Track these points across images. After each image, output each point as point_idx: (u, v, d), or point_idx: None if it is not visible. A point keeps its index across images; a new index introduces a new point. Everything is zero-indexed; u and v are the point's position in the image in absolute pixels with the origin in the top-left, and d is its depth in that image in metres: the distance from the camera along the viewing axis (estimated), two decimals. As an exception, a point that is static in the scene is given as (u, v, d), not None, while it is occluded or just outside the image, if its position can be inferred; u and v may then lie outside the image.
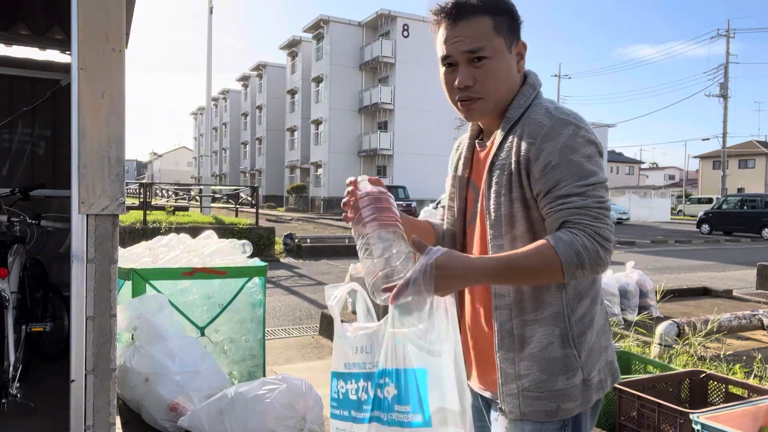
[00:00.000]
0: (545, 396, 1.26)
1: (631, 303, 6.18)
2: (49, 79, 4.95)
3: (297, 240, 14.08)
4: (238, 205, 17.93)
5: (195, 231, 5.79)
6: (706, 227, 24.66)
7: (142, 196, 15.47)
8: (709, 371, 3.06)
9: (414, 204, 25.62)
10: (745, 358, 4.46)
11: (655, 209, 36.69)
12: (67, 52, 4.63)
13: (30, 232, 3.98)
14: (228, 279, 3.79)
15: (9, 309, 3.30)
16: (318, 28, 37.85)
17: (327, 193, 35.97)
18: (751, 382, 3.10)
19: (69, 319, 2.18)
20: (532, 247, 1.16)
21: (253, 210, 15.23)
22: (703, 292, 8.18)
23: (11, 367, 3.15)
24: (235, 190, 20.86)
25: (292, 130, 43.89)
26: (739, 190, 43.52)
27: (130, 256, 4.00)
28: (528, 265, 1.15)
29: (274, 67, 47.65)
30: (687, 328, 4.56)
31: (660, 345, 4.43)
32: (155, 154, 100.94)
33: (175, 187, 26.03)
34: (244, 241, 4.19)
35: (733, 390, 2.90)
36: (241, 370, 3.86)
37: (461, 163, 1.47)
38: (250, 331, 3.90)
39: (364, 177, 1.31)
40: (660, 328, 4.59)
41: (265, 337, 4.01)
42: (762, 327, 5.12)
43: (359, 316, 1.35)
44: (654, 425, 2.61)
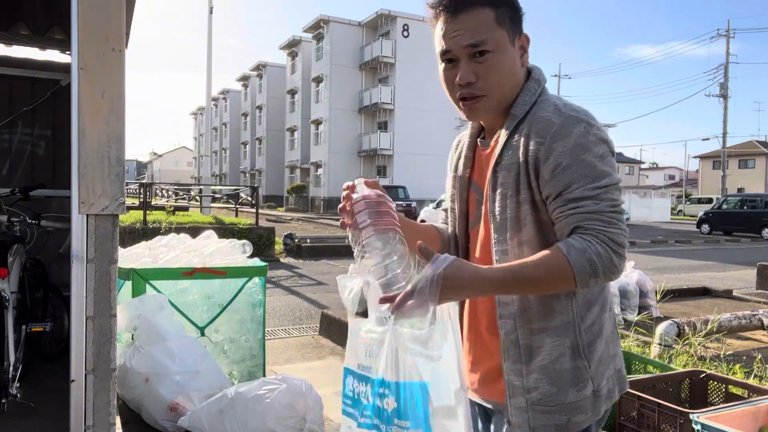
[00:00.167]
0: (556, 410, 1.21)
1: (631, 303, 6.18)
2: (49, 79, 4.95)
3: (297, 240, 14.07)
4: (238, 205, 17.94)
5: (195, 231, 5.79)
6: (706, 227, 24.67)
7: (142, 196, 15.47)
8: (709, 371, 3.06)
9: (414, 204, 25.61)
10: (745, 358, 4.45)
11: (655, 209, 36.66)
12: (67, 52, 4.63)
13: (30, 232, 3.98)
14: (228, 279, 3.79)
15: (9, 309, 3.30)
16: (318, 28, 37.86)
17: (327, 193, 35.98)
18: (751, 382, 3.10)
19: (69, 319, 2.18)
20: (542, 255, 1.11)
21: (253, 210, 15.23)
22: (703, 292, 8.18)
23: (11, 367, 3.15)
24: (235, 190, 20.87)
25: (292, 130, 43.90)
26: (739, 190, 43.51)
27: (130, 256, 4.00)
28: (539, 275, 1.10)
29: (274, 67, 47.65)
30: (687, 328, 4.56)
31: (660, 345, 4.43)
32: (155, 154, 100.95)
33: (175, 187, 26.04)
34: (244, 241, 4.20)
35: (733, 390, 2.90)
36: (241, 370, 3.86)
37: (462, 162, 1.40)
38: (250, 331, 3.90)
39: (361, 180, 1.25)
40: (660, 328, 4.59)
41: (265, 337, 4.01)
42: (762, 327, 5.12)
43: (370, 316, 1.28)
44: (654, 425, 2.60)
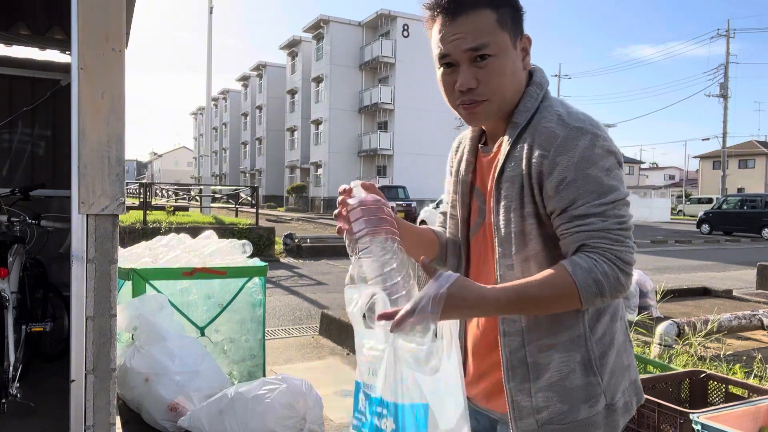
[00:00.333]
0: (567, 428, 1.16)
1: (631, 303, 6.18)
2: (49, 79, 4.95)
3: (297, 240, 14.07)
4: (238, 205, 17.93)
5: (195, 231, 5.79)
6: (706, 227, 24.67)
7: (142, 196, 15.46)
8: (709, 371, 3.05)
9: (414, 204, 25.60)
10: (745, 358, 4.45)
11: (655, 209, 36.66)
12: (67, 52, 4.63)
13: (30, 232, 3.98)
14: (228, 279, 3.79)
15: (9, 309, 3.30)
16: (318, 28, 37.86)
17: (327, 193, 35.98)
18: (751, 382, 3.09)
19: (69, 319, 2.18)
20: (547, 274, 1.07)
21: (253, 210, 15.23)
22: (703, 292, 8.18)
23: (11, 367, 3.15)
24: (235, 190, 20.87)
25: (292, 130, 43.90)
26: (739, 190, 43.51)
27: (130, 256, 4.00)
28: (543, 295, 1.06)
29: (274, 67, 47.66)
30: (687, 328, 4.55)
31: (660, 345, 4.43)
32: (155, 154, 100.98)
33: (175, 187, 26.03)
34: (244, 241, 4.20)
35: (733, 390, 2.89)
36: (241, 370, 3.86)
37: (463, 166, 1.35)
38: (250, 331, 3.90)
39: (357, 183, 1.20)
40: (660, 328, 4.59)
41: (265, 337, 4.01)
42: (762, 327, 5.12)
43: (377, 330, 1.19)
44: (654, 425, 2.60)
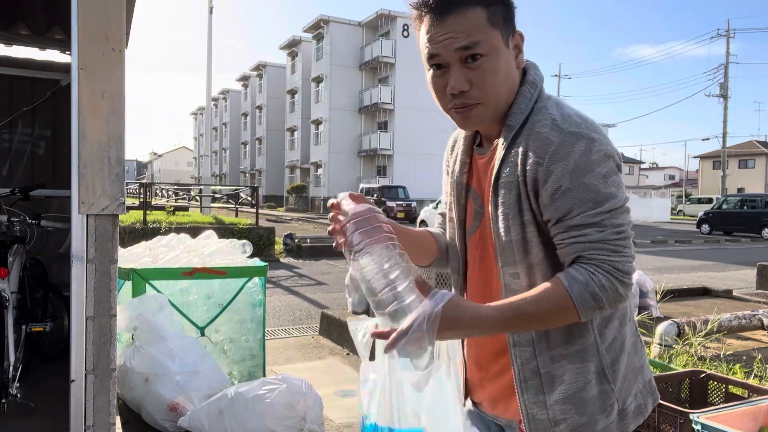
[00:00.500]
0: None
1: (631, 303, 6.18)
2: (49, 79, 4.95)
3: (297, 240, 14.07)
4: (238, 205, 17.94)
5: (195, 231, 5.79)
6: (706, 227, 24.66)
7: (142, 196, 15.46)
8: (709, 371, 3.05)
9: (414, 204, 25.62)
10: (745, 358, 4.45)
11: (655, 209, 36.65)
12: (67, 52, 4.63)
13: (30, 232, 3.98)
14: (228, 279, 3.79)
15: (9, 309, 3.30)
16: (318, 28, 37.85)
17: (327, 193, 35.96)
18: (751, 382, 3.09)
19: (69, 319, 2.18)
20: (543, 289, 1.05)
21: (253, 210, 15.23)
22: (703, 292, 8.17)
23: (11, 367, 3.15)
24: (235, 190, 20.88)
25: (292, 130, 43.90)
26: (739, 190, 43.52)
27: (130, 256, 4.00)
28: (540, 311, 1.04)
29: (274, 67, 47.65)
30: (687, 328, 4.55)
31: (660, 345, 4.42)
32: (155, 154, 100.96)
33: (175, 187, 26.04)
34: (244, 241, 4.20)
35: (733, 390, 2.89)
36: (241, 370, 3.86)
37: (458, 166, 1.32)
38: (250, 331, 3.90)
39: (345, 194, 1.16)
40: (660, 328, 4.58)
41: (265, 337, 4.01)
42: (762, 327, 5.12)
43: (378, 360, 1.17)
44: (654, 425, 2.60)
